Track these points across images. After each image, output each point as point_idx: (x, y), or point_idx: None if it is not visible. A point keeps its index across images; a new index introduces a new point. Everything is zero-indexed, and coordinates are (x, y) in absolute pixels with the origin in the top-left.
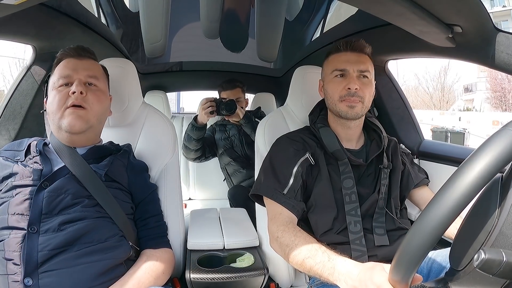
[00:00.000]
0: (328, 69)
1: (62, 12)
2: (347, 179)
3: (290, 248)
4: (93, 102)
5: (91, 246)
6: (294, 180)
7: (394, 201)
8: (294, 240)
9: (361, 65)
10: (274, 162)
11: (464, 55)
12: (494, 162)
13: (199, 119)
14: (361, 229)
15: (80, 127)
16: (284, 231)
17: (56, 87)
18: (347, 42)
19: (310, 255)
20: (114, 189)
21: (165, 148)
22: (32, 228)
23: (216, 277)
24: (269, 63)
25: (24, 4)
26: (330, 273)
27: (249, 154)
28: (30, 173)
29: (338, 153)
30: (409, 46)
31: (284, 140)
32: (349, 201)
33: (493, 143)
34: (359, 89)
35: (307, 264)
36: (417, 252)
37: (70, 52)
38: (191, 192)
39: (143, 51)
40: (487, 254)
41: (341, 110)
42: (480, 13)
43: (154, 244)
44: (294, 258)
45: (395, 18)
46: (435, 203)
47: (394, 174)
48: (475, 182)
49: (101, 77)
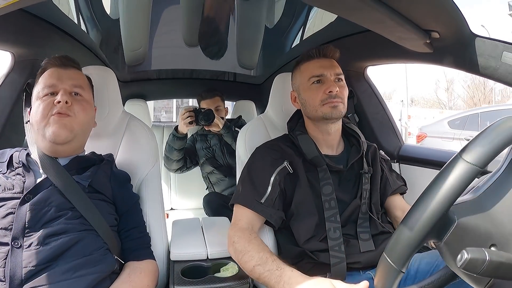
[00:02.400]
0: (303, 77)
1: (42, 19)
2: (326, 185)
3: (243, 254)
4: (78, 111)
5: (76, 260)
6: (272, 189)
7: (375, 206)
8: (247, 246)
9: (335, 69)
10: (251, 172)
11: (442, 60)
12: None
13: (179, 129)
14: (340, 235)
15: (65, 137)
16: (240, 237)
17: (41, 96)
18: (319, 49)
19: (261, 262)
20: (98, 200)
21: (147, 157)
22: (15, 243)
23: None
24: (249, 70)
25: (3, 9)
26: (277, 282)
27: (231, 162)
28: (13, 186)
29: (317, 159)
30: (388, 52)
31: (261, 150)
32: (328, 207)
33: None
34: (339, 91)
35: (257, 271)
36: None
37: (55, 61)
38: (173, 202)
39: (123, 58)
40: (470, 254)
41: (325, 112)
42: (457, 19)
43: (138, 255)
44: (246, 264)
45: (374, 25)
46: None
47: (375, 179)
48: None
49: (86, 87)
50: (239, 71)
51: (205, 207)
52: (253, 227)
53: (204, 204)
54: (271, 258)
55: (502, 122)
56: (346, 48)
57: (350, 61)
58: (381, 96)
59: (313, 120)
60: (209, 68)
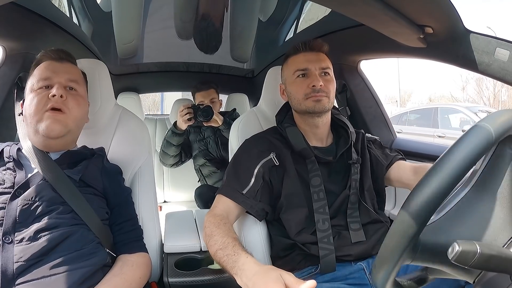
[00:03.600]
0: (289, 71)
1: (33, 12)
2: (315, 177)
3: (210, 238)
4: (72, 107)
5: (68, 255)
6: (254, 181)
7: (369, 193)
8: (214, 231)
9: (321, 63)
10: (236, 163)
11: (435, 55)
12: (468, 158)
13: (178, 125)
14: (329, 227)
15: (58, 132)
16: (211, 222)
17: (35, 89)
18: (305, 43)
19: (222, 247)
20: (89, 194)
21: (139, 151)
22: (6, 238)
23: (194, 280)
24: (242, 63)
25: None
26: (232, 267)
27: (225, 155)
28: (3, 180)
29: (305, 151)
30: (382, 46)
31: (249, 142)
32: (317, 198)
33: (466, 140)
34: (323, 86)
35: (218, 255)
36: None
37: (51, 54)
38: (166, 195)
39: (116, 51)
40: (461, 246)
41: (308, 106)
42: (451, 14)
43: (130, 248)
44: (211, 248)
45: (368, 19)
46: (411, 200)
47: (365, 166)
48: (451, 178)
49: (81, 82)
50: (232, 64)
51: (197, 199)
52: (229, 215)
53: (196, 197)
54: (232, 243)
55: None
56: (340, 42)
57: (343, 55)
58: (374, 90)
59: (299, 113)
60: (202, 61)
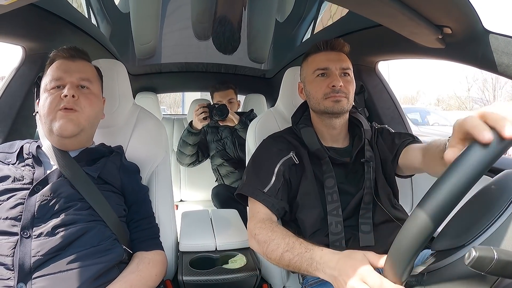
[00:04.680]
0: (309, 69)
1: (52, 13)
2: (329, 178)
3: (268, 244)
4: (85, 106)
5: (84, 250)
6: (275, 179)
7: (383, 190)
8: (271, 235)
9: (342, 63)
10: (256, 162)
11: (453, 55)
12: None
13: (194, 125)
14: (341, 230)
15: (71, 131)
16: (261, 228)
17: (48, 89)
18: (327, 42)
19: (288, 248)
20: (107, 191)
21: (156, 150)
22: (24, 233)
23: (209, 279)
24: (259, 64)
25: (14, 4)
26: (309, 264)
27: (242, 155)
28: (22, 177)
29: (319, 152)
30: (399, 47)
31: (267, 141)
32: (330, 200)
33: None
34: (343, 86)
35: (286, 258)
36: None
37: (63, 53)
38: (183, 194)
39: (134, 52)
40: (478, 252)
41: (327, 106)
42: (470, 15)
43: (146, 246)
44: (273, 253)
45: (385, 20)
46: (432, 192)
47: (376, 162)
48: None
49: (94, 79)
50: (249, 65)
51: (213, 199)
52: (271, 217)
53: (212, 196)
54: (298, 242)
55: None
56: (357, 43)
57: (361, 56)
58: (392, 92)
59: (317, 113)
60: (219, 61)
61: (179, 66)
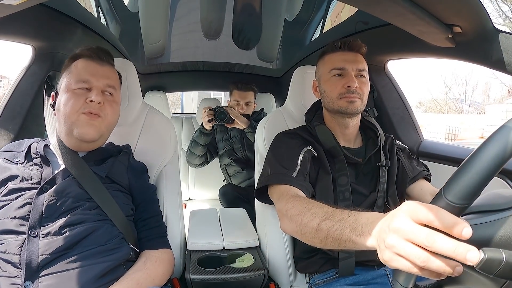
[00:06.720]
0: (325, 68)
1: (62, 12)
2: (342, 176)
3: (303, 214)
4: (108, 113)
5: (91, 249)
6: (301, 165)
7: (392, 198)
8: (307, 205)
9: (359, 64)
10: (277, 152)
11: (463, 55)
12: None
13: (204, 126)
14: None
15: (92, 136)
16: (295, 201)
17: (73, 89)
18: (345, 42)
19: (327, 216)
20: (115, 191)
21: (165, 148)
22: (32, 232)
23: (216, 278)
24: (268, 63)
25: (24, 4)
26: (353, 228)
27: (250, 156)
28: (30, 176)
29: (334, 150)
30: (409, 46)
31: (282, 136)
32: (342, 198)
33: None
34: (358, 87)
35: (324, 228)
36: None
37: (91, 53)
38: (191, 192)
39: (143, 51)
40: (487, 254)
41: (341, 106)
42: (480, 14)
43: (154, 244)
44: (308, 224)
45: (395, 18)
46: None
47: (391, 171)
48: None
49: (117, 87)
50: (258, 64)
51: (221, 198)
52: (300, 195)
53: (220, 196)
54: (338, 209)
55: None
56: (366, 42)
57: (370, 55)
58: (402, 91)
59: (330, 112)
60: (228, 60)
61: (188, 65)
